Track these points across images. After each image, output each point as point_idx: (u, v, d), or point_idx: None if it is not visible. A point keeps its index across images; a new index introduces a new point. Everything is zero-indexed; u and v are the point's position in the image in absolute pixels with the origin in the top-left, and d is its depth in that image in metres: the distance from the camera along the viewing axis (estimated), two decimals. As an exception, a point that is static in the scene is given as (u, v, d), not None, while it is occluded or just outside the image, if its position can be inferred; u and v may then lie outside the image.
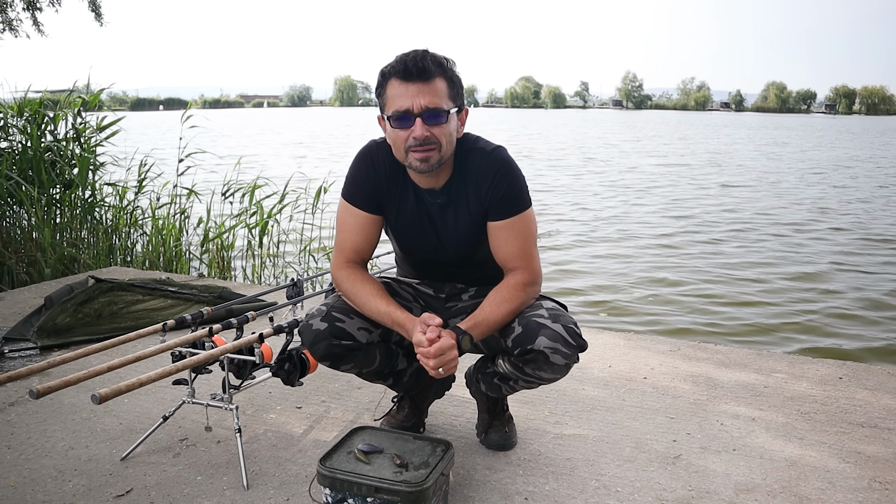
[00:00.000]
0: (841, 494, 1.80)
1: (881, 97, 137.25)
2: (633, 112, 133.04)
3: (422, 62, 1.60)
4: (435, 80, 1.62)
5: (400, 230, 1.84)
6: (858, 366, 2.78)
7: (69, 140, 5.11)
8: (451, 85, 1.65)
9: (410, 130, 1.62)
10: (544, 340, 1.64)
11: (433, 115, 1.62)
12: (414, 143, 1.62)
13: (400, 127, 1.63)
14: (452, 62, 1.67)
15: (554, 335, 1.64)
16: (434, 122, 1.62)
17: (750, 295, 5.78)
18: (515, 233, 1.74)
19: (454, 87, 1.67)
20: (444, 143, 1.64)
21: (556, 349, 1.64)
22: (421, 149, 1.62)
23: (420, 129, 1.61)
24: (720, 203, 11.24)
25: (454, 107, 1.66)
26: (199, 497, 1.75)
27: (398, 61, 1.62)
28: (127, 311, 3.19)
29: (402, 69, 1.61)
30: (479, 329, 1.66)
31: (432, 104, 1.61)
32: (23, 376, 1.68)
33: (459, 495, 1.77)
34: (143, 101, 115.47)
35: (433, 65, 1.61)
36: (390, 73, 1.63)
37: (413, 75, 1.60)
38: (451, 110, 1.65)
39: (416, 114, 1.61)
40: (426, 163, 1.64)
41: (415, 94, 1.60)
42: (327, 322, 1.72)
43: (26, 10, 6.04)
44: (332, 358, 1.74)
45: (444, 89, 1.63)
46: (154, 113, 75.94)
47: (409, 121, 1.61)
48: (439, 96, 1.62)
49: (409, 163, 1.67)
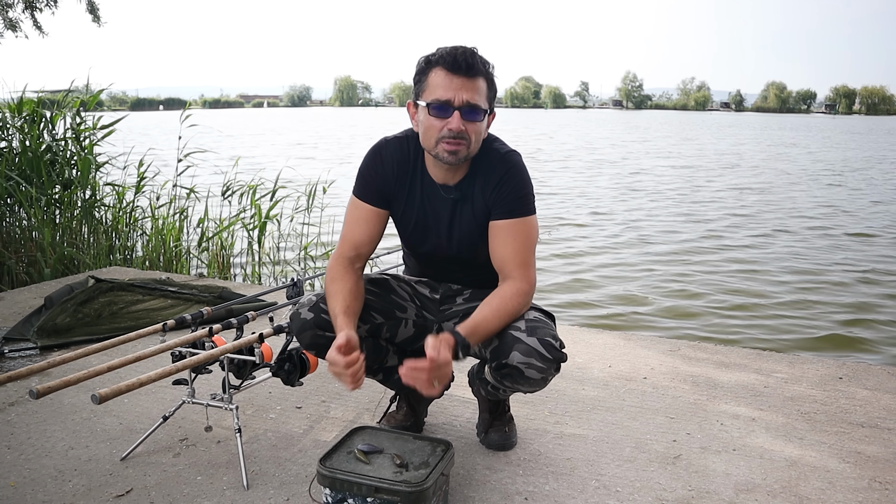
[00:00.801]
0: (841, 494, 1.80)
1: (881, 97, 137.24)
2: (634, 112, 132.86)
3: (471, 58, 1.63)
4: (479, 79, 1.65)
5: (405, 223, 1.85)
6: (858, 366, 2.78)
7: (68, 140, 5.12)
8: (490, 87, 1.68)
9: (447, 122, 1.63)
10: (517, 355, 1.64)
11: (472, 111, 1.63)
12: (448, 134, 1.63)
13: (438, 116, 1.64)
14: (494, 66, 1.70)
15: (528, 350, 1.64)
16: (471, 119, 1.64)
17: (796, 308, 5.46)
18: (515, 235, 1.74)
19: (492, 90, 1.70)
20: (473, 140, 1.66)
21: (529, 364, 1.64)
22: (453, 141, 1.64)
23: (457, 122, 1.62)
24: (744, 206, 10.85)
25: (488, 109, 1.69)
26: (199, 497, 1.76)
27: (448, 53, 1.64)
28: (127, 311, 3.19)
29: (451, 61, 1.62)
30: (477, 335, 1.66)
31: (473, 100, 1.63)
32: (23, 376, 1.68)
33: (459, 495, 1.77)
34: (143, 101, 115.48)
35: (480, 63, 1.64)
36: (437, 61, 1.64)
37: (461, 69, 1.62)
38: (487, 111, 1.68)
39: (457, 106, 1.62)
40: (455, 156, 1.66)
41: (459, 87, 1.62)
42: (314, 312, 1.74)
43: (26, 10, 6.05)
44: (317, 348, 1.76)
45: (484, 89, 1.66)
46: (154, 113, 75.89)
47: (448, 112, 1.63)
48: (480, 94, 1.65)
49: (437, 152, 1.67)
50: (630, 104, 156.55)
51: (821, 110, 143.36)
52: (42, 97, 5.38)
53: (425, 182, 1.79)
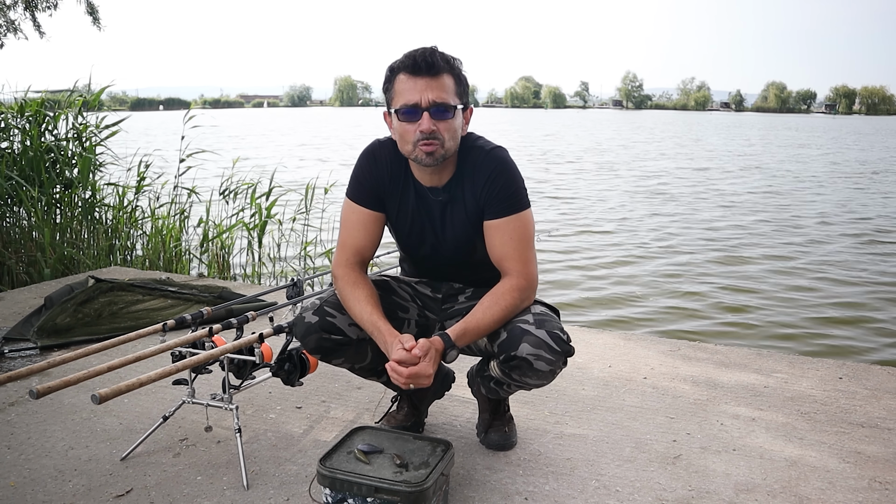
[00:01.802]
0: (841, 494, 1.80)
1: (881, 97, 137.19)
2: (634, 112, 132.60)
3: (430, 57, 1.63)
4: (443, 76, 1.64)
5: (400, 227, 1.85)
6: (858, 366, 2.78)
7: (70, 140, 5.12)
8: (457, 82, 1.68)
9: (418, 124, 1.63)
10: (527, 347, 1.64)
11: (440, 110, 1.63)
12: (421, 136, 1.63)
13: (407, 120, 1.65)
14: (459, 61, 1.69)
15: (537, 342, 1.64)
16: (441, 117, 1.64)
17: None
18: (511, 233, 1.73)
19: (460, 85, 1.69)
20: (447, 138, 1.66)
21: (539, 356, 1.64)
22: (427, 142, 1.64)
23: (427, 122, 1.62)
24: (784, 212, 10.34)
25: (460, 104, 1.68)
26: (199, 497, 1.76)
27: (407, 57, 1.64)
28: (127, 311, 3.19)
29: (410, 64, 1.63)
30: (468, 336, 1.67)
31: (440, 98, 1.63)
32: (23, 376, 1.68)
33: (459, 495, 1.77)
34: (143, 101, 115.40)
35: (441, 61, 1.64)
36: (399, 68, 1.65)
37: (422, 70, 1.62)
38: (458, 107, 1.67)
39: (424, 107, 1.62)
40: (432, 156, 1.66)
41: (423, 88, 1.62)
42: (318, 316, 1.74)
43: (26, 11, 6.05)
44: (322, 351, 1.76)
45: (451, 85, 1.66)
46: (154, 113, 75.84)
47: (417, 114, 1.63)
48: (447, 91, 1.64)
49: (415, 156, 1.67)
50: (630, 104, 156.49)
51: (821, 110, 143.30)
52: (44, 97, 5.39)
53: (416, 186, 1.79)
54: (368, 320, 1.68)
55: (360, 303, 1.71)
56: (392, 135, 1.76)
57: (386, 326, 1.66)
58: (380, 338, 1.66)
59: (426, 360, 1.57)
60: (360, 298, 1.71)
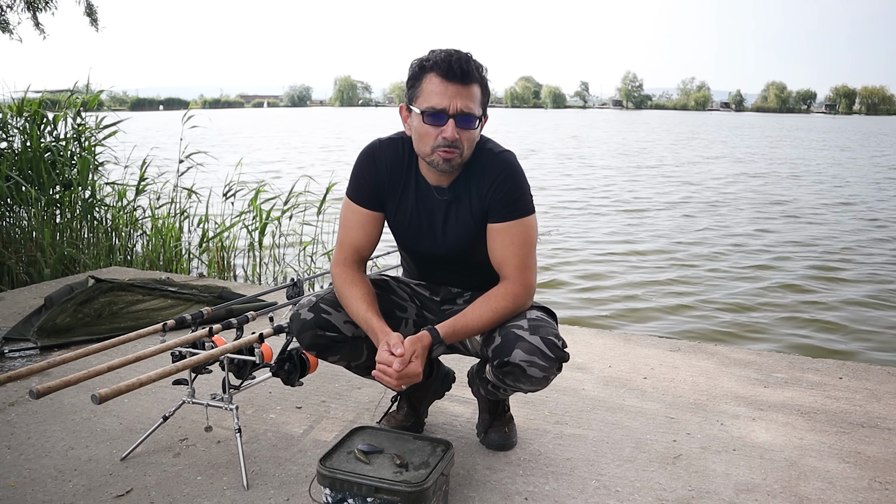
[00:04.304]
0: (841, 494, 1.80)
1: (881, 97, 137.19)
2: (635, 112, 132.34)
3: (466, 65, 1.61)
4: (473, 85, 1.63)
5: (399, 226, 1.85)
6: (858, 366, 2.78)
7: (69, 140, 5.12)
8: (484, 92, 1.68)
9: (441, 130, 1.63)
10: (520, 353, 1.63)
11: (466, 119, 1.63)
12: (443, 143, 1.63)
13: (432, 124, 1.63)
14: (487, 70, 1.68)
15: (531, 348, 1.63)
16: (465, 126, 1.63)
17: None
18: (513, 237, 1.73)
19: (486, 95, 1.69)
20: (466, 147, 1.66)
21: (532, 362, 1.63)
22: (448, 149, 1.63)
23: (451, 130, 1.62)
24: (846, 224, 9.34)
25: (482, 114, 1.68)
26: (199, 497, 1.76)
27: (442, 59, 1.61)
28: (127, 311, 3.19)
29: (445, 67, 1.60)
30: (457, 335, 1.67)
31: (468, 109, 1.62)
32: (23, 376, 1.68)
33: (459, 495, 1.77)
34: (143, 101, 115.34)
35: (475, 69, 1.63)
36: (431, 67, 1.63)
37: (456, 76, 1.60)
38: (481, 117, 1.67)
39: (451, 115, 1.61)
40: (449, 163, 1.66)
41: (453, 94, 1.61)
42: (314, 313, 1.74)
43: (27, 10, 6.05)
44: (318, 348, 1.76)
45: (478, 95, 1.65)
46: (154, 113, 75.77)
47: (443, 120, 1.62)
48: (474, 101, 1.64)
49: (431, 159, 1.67)
50: (630, 104, 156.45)
51: (821, 110, 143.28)
52: (43, 97, 5.39)
53: (419, 184, 1.79)
54: (363, 318, 1.69)
55: (356, 300, 1.71)
56: (406, 129, 1.75)
57: (379, 325, 1.66)
58: (373, 336, 1.67)
59: (415, 361, 1.58)
60: (357, 296, 1.72)
